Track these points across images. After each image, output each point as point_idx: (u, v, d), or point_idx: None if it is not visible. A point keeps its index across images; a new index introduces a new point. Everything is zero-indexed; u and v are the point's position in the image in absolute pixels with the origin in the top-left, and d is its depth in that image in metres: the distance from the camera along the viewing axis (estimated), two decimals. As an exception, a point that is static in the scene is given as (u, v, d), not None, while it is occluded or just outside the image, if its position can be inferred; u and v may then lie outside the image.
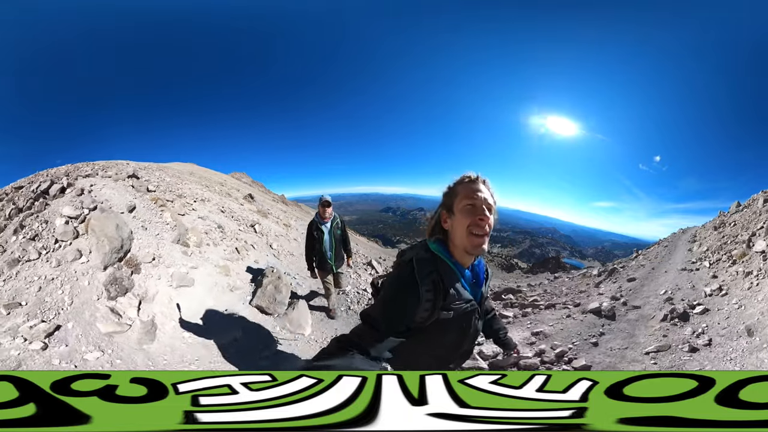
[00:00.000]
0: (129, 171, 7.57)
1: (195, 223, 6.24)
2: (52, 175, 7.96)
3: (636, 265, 11.54)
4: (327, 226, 4.82)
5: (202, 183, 10.32)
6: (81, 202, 5.46)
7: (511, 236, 61.90)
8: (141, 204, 6.04)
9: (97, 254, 4.71)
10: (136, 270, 4.83)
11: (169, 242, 5.49)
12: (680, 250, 11.21)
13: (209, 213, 6.92)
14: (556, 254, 47.80)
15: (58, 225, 5.01)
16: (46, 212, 5.40)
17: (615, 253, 48.08)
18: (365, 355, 1.26)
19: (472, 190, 1.46)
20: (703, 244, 9.76)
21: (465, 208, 1.44)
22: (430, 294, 1.40)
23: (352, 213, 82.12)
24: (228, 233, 6.34)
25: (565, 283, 11.57)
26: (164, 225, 5.78)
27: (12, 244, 4.99)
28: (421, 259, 1.44)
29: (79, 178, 6.58)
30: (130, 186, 6.63)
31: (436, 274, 1.42)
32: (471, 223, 1.42)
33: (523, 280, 15.67)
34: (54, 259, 4.65)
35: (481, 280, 1.60)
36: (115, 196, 6.02)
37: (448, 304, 1.44)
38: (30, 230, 5.08)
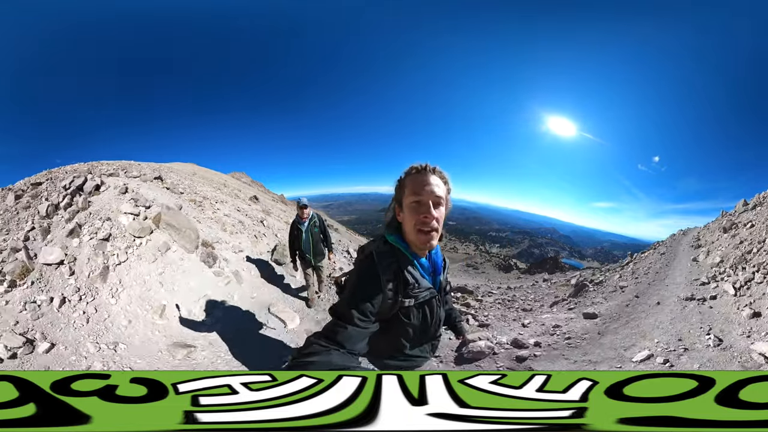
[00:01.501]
0: (153, 173, 8.88)
1: (224, 219, 8.00)
2: (73, 172, 8.25)
3: (616, 283, 9.07)
4: (305, 225, 5.47)
5: (212, 185, 12.03)
6: (134, 201, 6.30)
7: (510, 236, 61.94)
8: (185, 204, 7.52)
9: (183, 242, 5.99)
10: (212, 248, 6.46)
11: (219, 230, 7.28)
12: (681, 259, 8.84)
13: (230, 211, 8.75)
14: (555, 254, 47.83)
15: (126, 222, 5.83)
16: (92, 209, 6.00)
17: (614, 253, 48.17)
18: (341, 349, 1.29)
19: (419, 183, 1.45)
20: (713, 252, 7.72)
21: (411, 206, 1.45)
22: (391, 284, 1.45)
23: (351, 212, 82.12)
24: (247, 226, 8.20)
25: (543, 288, 10.86)
26: (209, 219, 7.52)
27: (83, 247, 5.38)
28: (380, 252, 1.48)
29: (104, 177, 7.22)
30: (165, 188, 8.02)
31: (396, 265, 1.47)
32: (416, 221, 1.43)
33: (514, 281, 15.56)
34: (147, 254, 5.57)
35: (438, 269, 1.64)
36: (160, 196, 7.13)
37: (409, 293, 1.49)
38: (93, 228, 5.59)
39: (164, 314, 4.98)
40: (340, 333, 1.33)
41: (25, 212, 6.10)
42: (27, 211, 6.13)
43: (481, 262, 26.26)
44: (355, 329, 1.35)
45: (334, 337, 1.31)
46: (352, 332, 1.35)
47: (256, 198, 13.12)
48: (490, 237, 57.24)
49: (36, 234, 5.49)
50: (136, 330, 4.62)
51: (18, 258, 5.03)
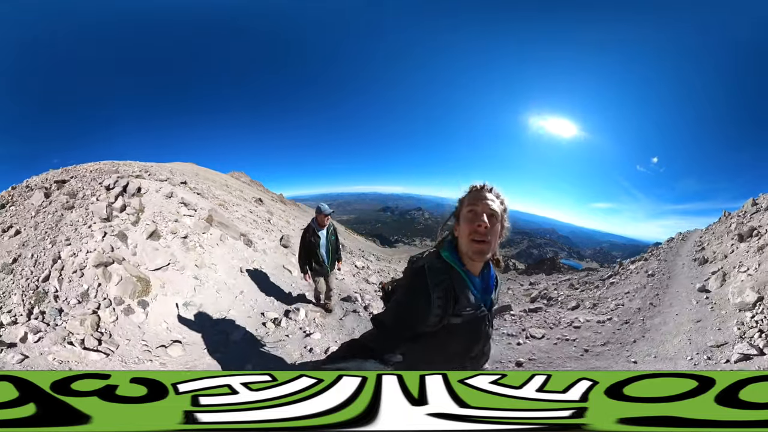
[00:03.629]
0: (168, 174, 10.04)
1: (242, 218, 9.45)
2: (100, 171, 8.65)
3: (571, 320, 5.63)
4: (323, 232, 5.17)
5: (222, 189, 13.16)
6: (185, 205, 7.49)
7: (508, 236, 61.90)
8: (217, 206, 8.75)
9: (230, 234, 7.41)
10: (248, 237, 7.75)
11: (243, 226, 8.61)
12: (681, 287, 6.00)
13: (245, 212, 10.14)
14: (554, 255, 47.81)
15: (190, 222, 7.06)
16: (150, 211, 6.90)
17: (613, 254, 48.16)
18: (377, 360, 1.29)
19: (476, 198, 1.50)
20: (733, 277, 5.12)
21: (467, 216, 1.49)
22: (441, 300, 1.44)
23: (350, 212, 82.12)
24: (259, 224, 9.66)
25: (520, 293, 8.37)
26: (241, 217, 9.22)
27: (172, 246, 6.32)
28: (433, 267, 1.49)
29: (130, 178, 7.83)
30: (197, 193, 9.30)
31: (448, 282, 1.47)
32: (471, 230, 1.46)
33: (506, 282, 15.21)
34: (216, 243, 6.90)
35: (490, 288, 1.64)
36: (195, 199, 8.36)
37: (458, 311, 1.49)
38: (169, 228, 6.65)
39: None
40: (378, 343, 1.34)
41: (71, 213, 6.43)
42: (73, 212, 6.44)
43: (478, 262, 26.38)
44: (395, 341, 1.37)
45: (373, 346, 1.33)
46: (391, 345, 1.35)
47: (261, 200, 14.44)
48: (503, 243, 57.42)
49: (114, 240, 5.89)
50: (236, 289, 6.00)
51: (125, 273, 5.41)
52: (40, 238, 5.87)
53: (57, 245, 5.62)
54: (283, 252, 8.06)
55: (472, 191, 1.55)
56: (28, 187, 7.90)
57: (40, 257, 5.46)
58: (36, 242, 5.80)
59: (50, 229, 6.05)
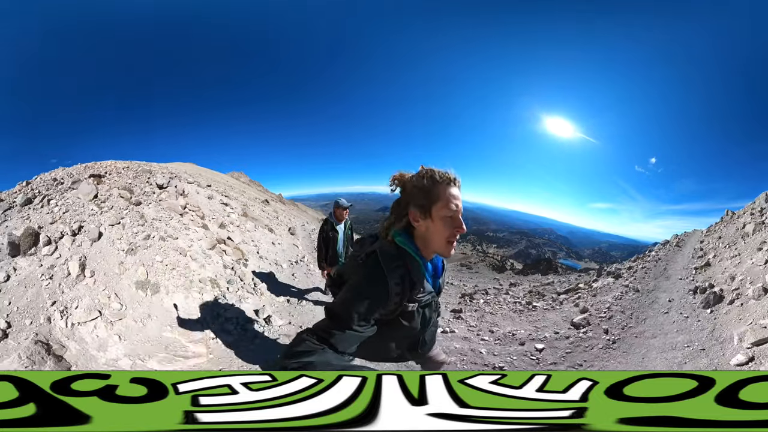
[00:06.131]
0: (204, 180, 11.85)
1: (261, 215, 11.03)
2: (138, 170, 8.96)
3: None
4: (341, 227, 5.07)
5: (230, 189, 14.38)
6: (224, 204, 9.24)
7: (507, 237, 61.93)
8: (241, 206, 10.39)
9: (261, 224, 9.33)
10: (271, 228, 9.69)
11: (276, 224, 10.63)
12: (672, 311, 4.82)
13: (259, 213, 11.48)
14: (552, 255, 47.83)
15: (236, 216, 8.86)
16: (205, 209, 8.08)
17: (612, 254, 48.17)
18: (333, 350, 1.25)
19: (453, 197, 1.41)
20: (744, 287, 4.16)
21: (445, 219, 1.41)
22: (398, 288, 1.39)
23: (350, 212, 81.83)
24: (272, 219, 11.31)
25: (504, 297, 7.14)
26: (267, 215, 11.30)
27: (236, 232, 7.99)
28: (386, 252, 1.43)
29: (177, 179, 8.94)
30: (224, 195, 10.65)
31: (403, 269, 1.41)
32: (450, 234, 1.42)
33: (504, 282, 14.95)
34: (257, 230, 8.79)
35: (439, 272, 1.63)
36: (227, 200, 9.91)
37: (413, 297, 1.46)
38: (228, 220, 8.31)
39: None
40: (334, 335, 1.27)
41: (145, 208, 6.60)
42: (144, 207, 6.63)
43: (475, 261, 26.22)
44: (351, 333, 1.30)
45: (327, 339, 1.26)
46: (348, 336, 1.29)
47: (267, 202, 15.54)
48: (487, 237, 57.20)
49: (199, 234, 6.87)
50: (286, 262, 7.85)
51: (227, 246, 7.05)
52: (143, 237, 5.69)
53: (168, 240, 6.01)
54: (291, 240, 9.80)
55: (444, 184, 1.41)
56: (55, 180, 6.70)
57: (169, 252, 5.68)
58: (147, 242, 5.67)
59: (141, 227, 5.92)
